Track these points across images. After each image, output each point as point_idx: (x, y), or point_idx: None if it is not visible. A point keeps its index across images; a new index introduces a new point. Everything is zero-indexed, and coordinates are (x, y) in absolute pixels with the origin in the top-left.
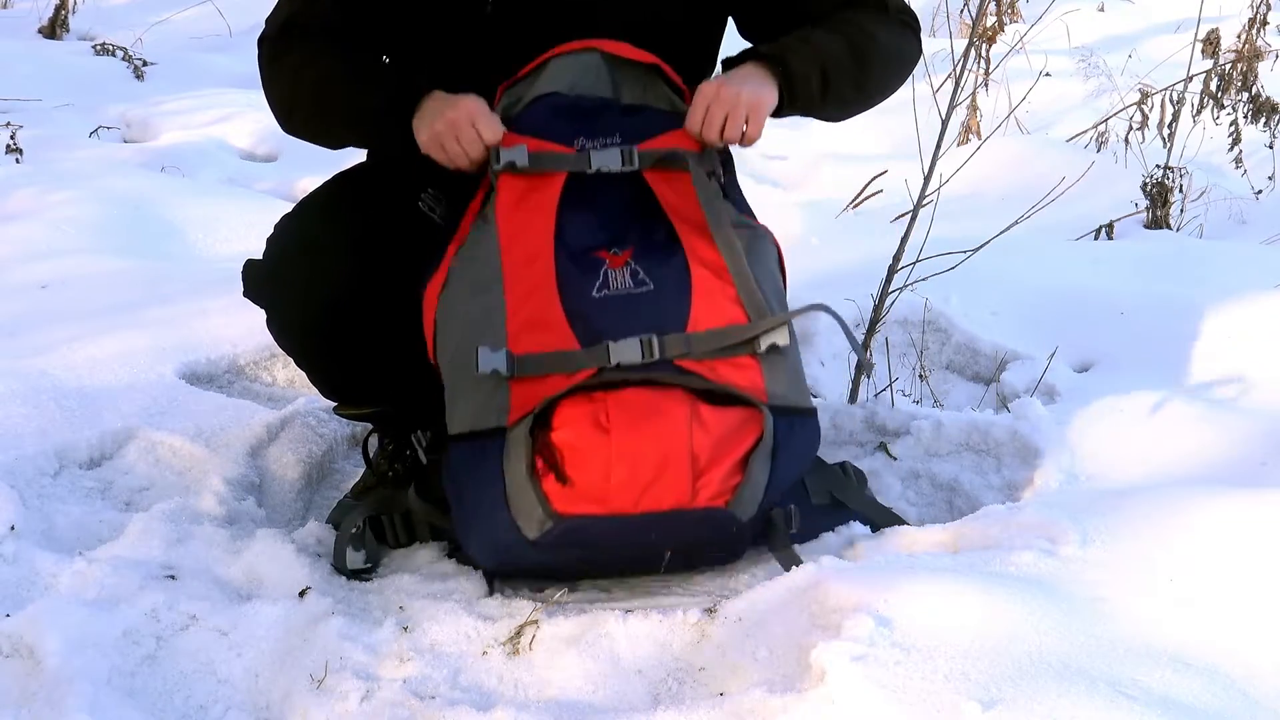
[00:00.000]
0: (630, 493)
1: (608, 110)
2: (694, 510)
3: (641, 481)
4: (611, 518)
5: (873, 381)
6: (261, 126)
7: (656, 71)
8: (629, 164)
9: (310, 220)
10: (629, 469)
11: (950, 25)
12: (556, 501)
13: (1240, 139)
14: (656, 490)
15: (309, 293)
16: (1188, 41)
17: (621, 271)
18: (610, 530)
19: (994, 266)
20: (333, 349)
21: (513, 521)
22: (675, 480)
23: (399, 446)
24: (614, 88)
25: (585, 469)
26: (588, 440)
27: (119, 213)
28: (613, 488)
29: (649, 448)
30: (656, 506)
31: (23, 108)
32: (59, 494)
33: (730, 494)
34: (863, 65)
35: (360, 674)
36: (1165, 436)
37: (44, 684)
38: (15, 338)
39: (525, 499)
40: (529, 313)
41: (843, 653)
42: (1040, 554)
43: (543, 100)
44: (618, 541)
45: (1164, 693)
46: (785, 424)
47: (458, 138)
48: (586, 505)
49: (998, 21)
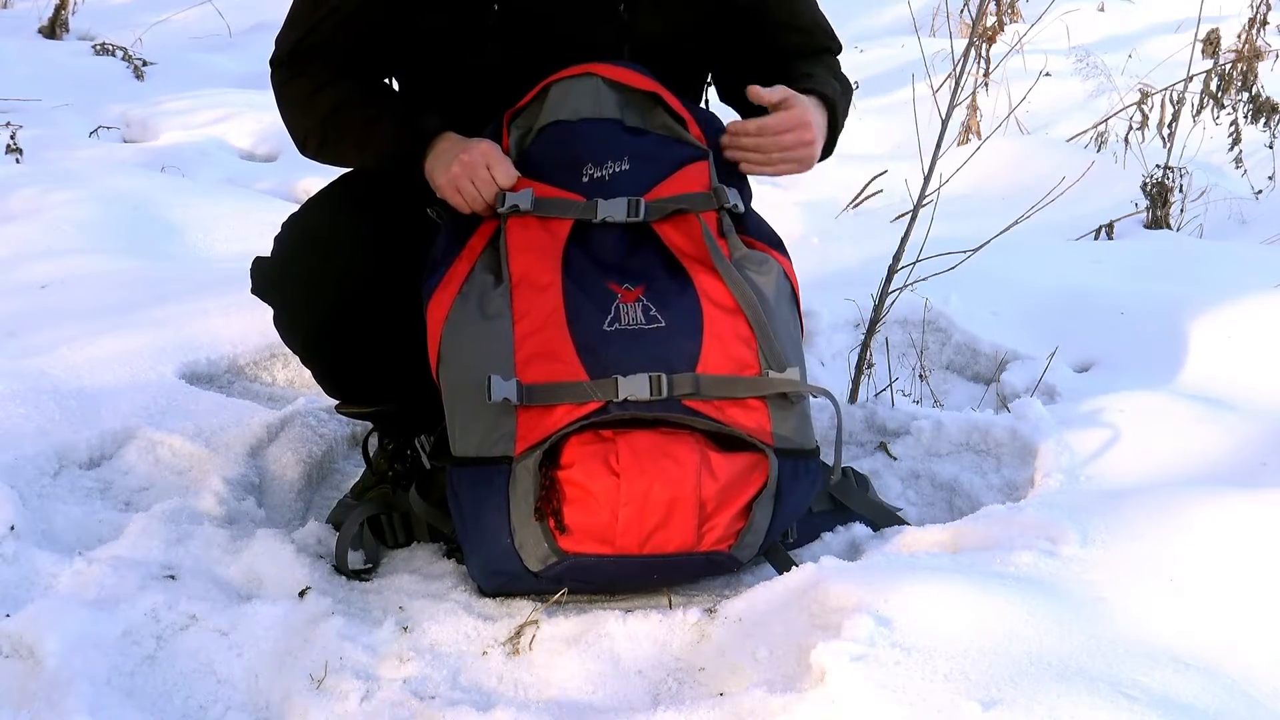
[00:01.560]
0: (636, 535)
1: (612, 131)
2: (698, 554)
3: (649, 525)
4: (616, 558)
5: (873, 381)
6: (261, 126)
7: (655, 99)
8: (634, 215)
9: (319, 218)
10: (637, 513)
11: (950, 25)
12: (563, 540)
13: (1240, 139)
14: (663, 534)
15: (316, 291)
16: (1188, 41)
17: (633, 307)
18: (614, 569)
19: (994, 266)
20: (339, 347)
21: (515, 553)
22: (682, 526)
23: (399, 446)
24: (618, 108)
25: (593, 511)
26: (597, 482)
27: (119, 213)
28: (620, 530)
29: (658, 493)
30: (662, 549)
31: (23, 108)
32: (59, 494)
33: (734, 539)
34: (847, 100)
35: (360, 674)
36: (1165, 436)
37: (44, 684)
38: (15, 338)
39: (530, 534)
40: (538, 343)
41: (843, 653)
42: (1040, 554)
43: (548, 131)
44: (620, 579)
45: (1164, 693)
46: (790, 466)
47: (473, 181)
48: (592, 545)
49: (998, 21)
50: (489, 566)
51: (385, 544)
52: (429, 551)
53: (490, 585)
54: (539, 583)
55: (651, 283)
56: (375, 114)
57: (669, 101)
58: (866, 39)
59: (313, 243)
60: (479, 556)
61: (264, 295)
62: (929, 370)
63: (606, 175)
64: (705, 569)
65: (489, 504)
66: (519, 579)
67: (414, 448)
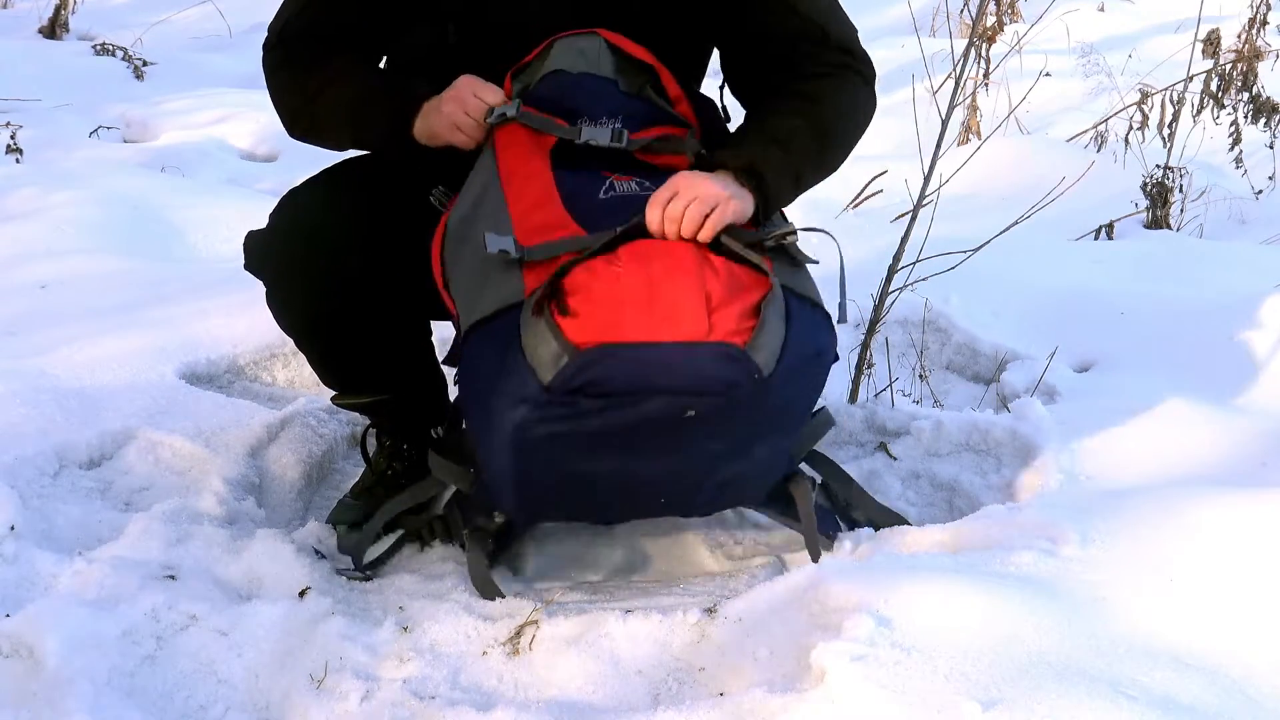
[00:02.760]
0: (645, 321)
1: (608, 90)
2: (711, 344)
3: (656, 311)
4: (627, 347)
5: (873, 381)
6: (261, 126)
7: (652, 73)
8: (617, 141)
9: (315, 196)
10: (643, 298)
11: (950, 25)
12: (569, 330)
13: (1240, 139)
14: (671, 320)
15: (310, 267)
16: (1188, 41)
17: (626, 182)
18: (627, 368)
19: (994, 266)
20: (332, 327)
21: (530, 369)
22: (690, 311)
23: (398, 445)
24: (615, 72)
25: (598, 300)
26: (600, 276)
27: (119, 213)
28: (627, 316)
29: (661, 280)
30: (672, 336)
31: (23, 108)
32: (59, 494)
33: (747, 334)
34: (825, 147)
35: (360, 674)
36: (1165, 436)
37: (44, 684)
38: (15, 338)
39: (540, 337)
40: (535, 217)
41: (843, 653)
42: (1040, 554)
43: (548, 78)
44: (635, 384)
45: (1164, 693)
46: (796, 301)
47: (465, 110)
48: (601, 333)
49: (998, 21)
50: (502, 406)
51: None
52: (429, 552)
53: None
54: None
55: (642, 172)
56: (363, 90)
57: (664, 79)
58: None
59: (307, 220)
60: (492, 408)
61: (256, 271)
62: (929, 370)
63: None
64: (724, 371)
65: (499, 342)
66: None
67: (412, 444)
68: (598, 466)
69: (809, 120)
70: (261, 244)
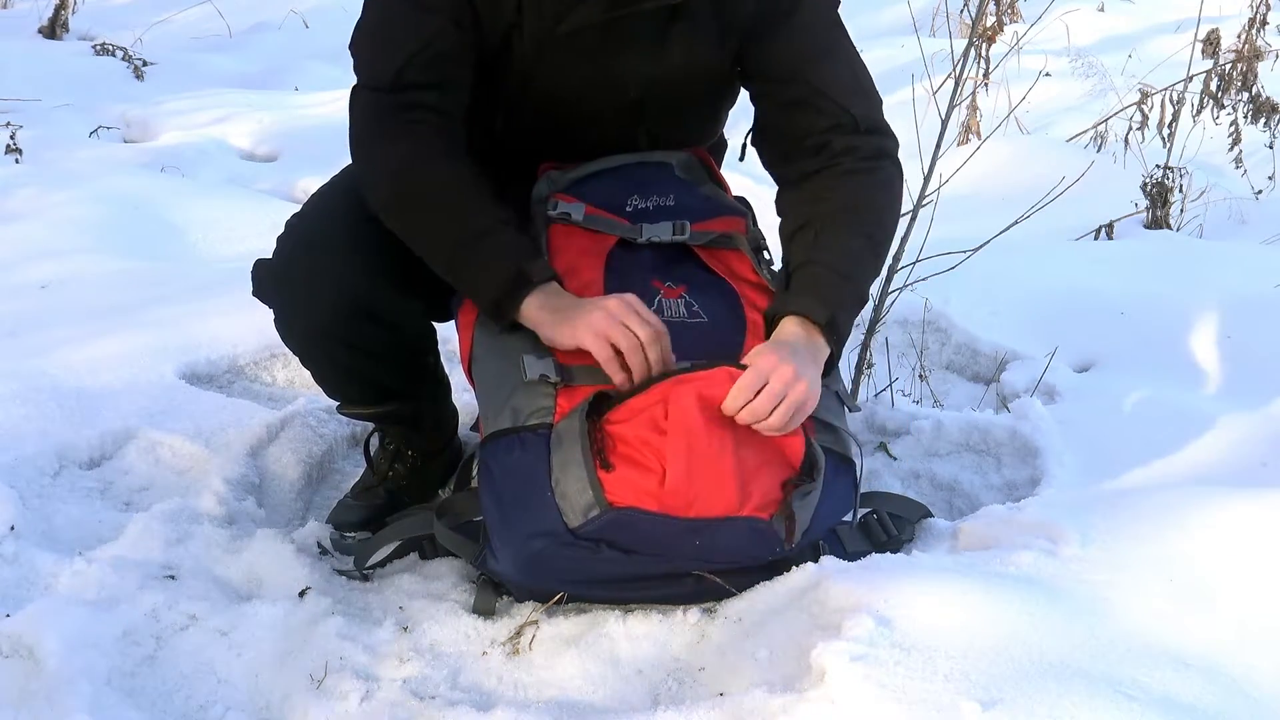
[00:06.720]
0: (681, 496)
1: (665, 172)
2: (741, 519)
3: (694, 487)
4: (660, 518)
5: (873, 381)
6: (261, 126)
7: (698, 160)
8: (679, 235)
9: (321, 221)
10: (682, 471)
11: (950, 25)
12: (609, 487)
13: (1240, 139)
14: (705, 498)
15: (317, 294)
16: (1188, 41)
17: (675, 302)
18: (655, 533)
19: (994, 266)
20: (337, 352)
21: (555, 505)
22: (725, 489)
23: (400, 447)
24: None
25: (639, 463)
26: (641, 432)
27: (119, 213)
28: (664, 488)
29: (703, 451)
30: (705, 513)
31: (23, 108)
32: (59, 494)
33: (774, 508)
34: (880, 257)
35: (360, 674)
36: (1165, 436)
37: (44, 684)
38: (15, 338)
39: (575, 481)
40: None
41: (843, 653)
42: (1040, 554)
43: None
44: (661, 548)
45: (1164, 693)
46: (832, 468)
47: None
48: (637, 499)
49: (997, 21)
50: (524, 530)
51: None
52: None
53: (519, 562)
54: (571, 553)
55: (693, 285)
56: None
57: (711, 167)
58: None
59: (314, 246)
60: (513, 524)
61: (264, 298)
62: (929, 370)
63: (650, 206)
64: (747, 543)
65: (527, 462)
66: (552, 549)
67: (413, 446)
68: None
69: (868, 237)
70: (269, 271)
